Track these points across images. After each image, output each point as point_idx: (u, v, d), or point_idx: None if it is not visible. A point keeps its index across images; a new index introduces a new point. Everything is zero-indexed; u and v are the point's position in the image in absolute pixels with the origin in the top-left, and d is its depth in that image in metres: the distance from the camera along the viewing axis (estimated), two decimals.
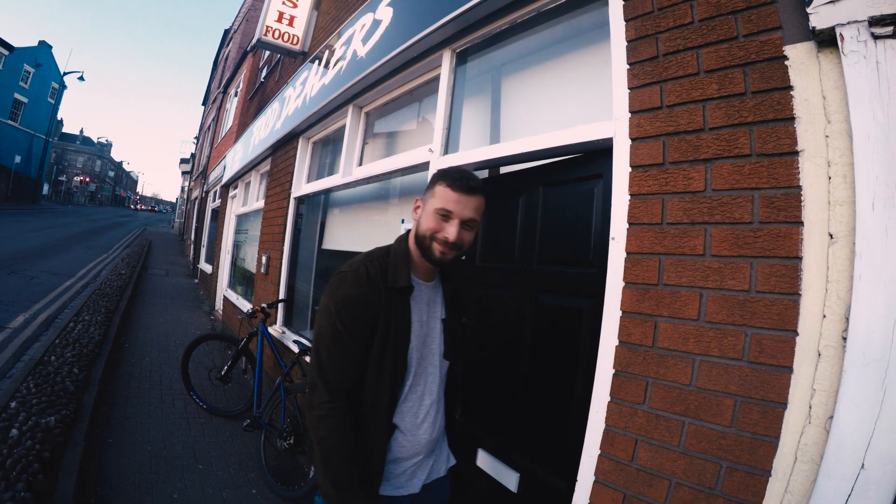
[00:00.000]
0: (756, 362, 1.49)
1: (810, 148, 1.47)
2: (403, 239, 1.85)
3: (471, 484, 2.79)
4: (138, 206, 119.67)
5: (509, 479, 2.48)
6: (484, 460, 2.69)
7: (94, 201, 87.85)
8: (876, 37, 1.37)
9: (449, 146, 3.27)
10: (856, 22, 1.39)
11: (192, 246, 21.27)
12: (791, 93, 1.54)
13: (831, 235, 1.40)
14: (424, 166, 3.41)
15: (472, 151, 2.96)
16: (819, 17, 1.45)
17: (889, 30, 1.36)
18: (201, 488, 3.99)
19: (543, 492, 2.32)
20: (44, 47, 48.41)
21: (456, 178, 1.68)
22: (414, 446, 1.79)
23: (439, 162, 3.18)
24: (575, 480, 2.00)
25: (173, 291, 13.70)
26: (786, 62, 1.56)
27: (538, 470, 2.37)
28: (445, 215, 1.65)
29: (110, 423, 4.90)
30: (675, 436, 1.66)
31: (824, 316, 1.39)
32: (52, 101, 50.74)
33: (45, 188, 57.04)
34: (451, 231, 1.64)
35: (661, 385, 1.72)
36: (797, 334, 1.42)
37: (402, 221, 3.74)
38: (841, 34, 1.42)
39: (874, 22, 1.36)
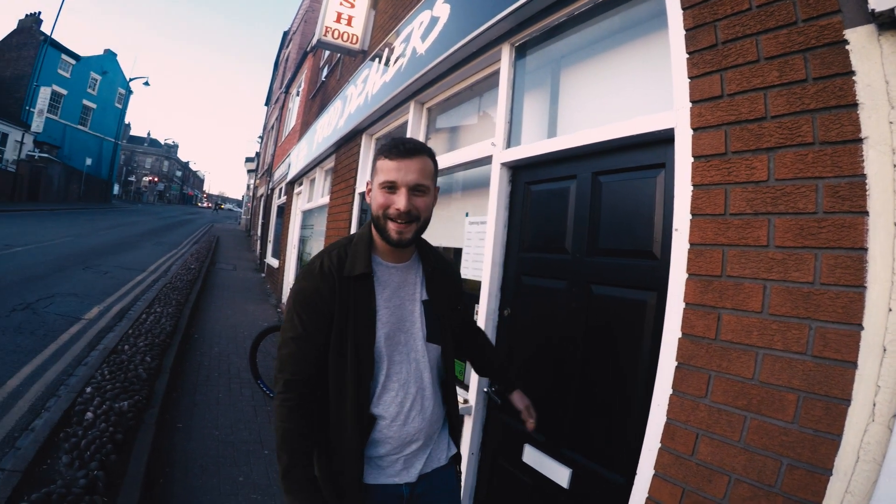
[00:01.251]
0: (820, 357, 1.46)
1: (874, 135, 1.42)
2: (368, 224, 1.78)
3: (516, 480, 2.81)
4: (219, 205, 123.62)
5: (561, 475, 2.49)
6: (531, 456, 2.70)
7: (163, 200, 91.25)
8: None
9: (511, 139, 3.27)
10: None
11: (258, 241, 21.89)
12: (853, 78, 1.49)
13: None
14: (487, 160, 3.41)
15: (534, 144, 2.95)
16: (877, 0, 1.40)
17: None
18: (266, 472, 4.14)
19: (598, 487, 2.32)
20: (109, 55, 50.64)
21: (391, 146, 1.63)
22: (403, 436, 1.71)
23: (502, 155, 3.19)
24: (633, 475, 1.99)
25: (241, 285, 14.17)
26: (846, 46, 1.51)
27: (592, 465, 2.37)
28: (391, 187, 1.60)
29: (180, 408, 5.15)
30: (736, 431, 1.64)
31: (890, 309, 1.34)
32: (120, 106, 52.95)
33: (116, 188, 59.52)
34: (399, 201, 1.58)
35: (724, 378, 1.69)
36: (862, 328, 1.38)
37: (467, 215, 3.74)
38: None
39: None
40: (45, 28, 39.49)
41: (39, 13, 40.31)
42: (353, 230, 6.29)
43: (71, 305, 8.19)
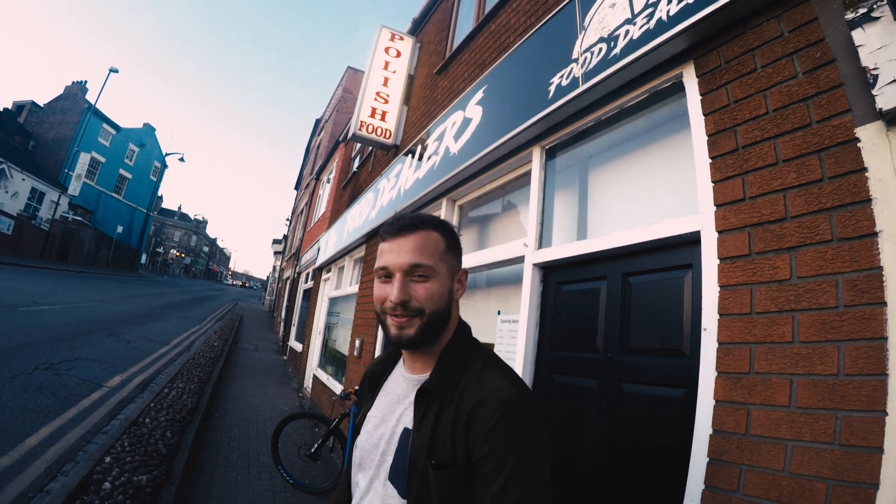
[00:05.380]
0: (847, 445, 1.49)
1: (888, 228, 1.52)
2: None
3: None
4: (247, 284, 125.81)
5: None
6: None
7: (189, 273, 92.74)
8: None
9: (543, 240, 3.38)
10: None
11: (282, 323, 21.84)
12: (865, 174, 1.60)
13: None
14: (519, 260, 3.50)
15: (566, 246, 3.05)
16: (884, 98, 1.53)
17: None
18: None
19: None
20: (148, 129, 53.47)
21: (386, 225, 1.34)
22: None
23: (534, 256, 3.28)
24: None
25: (263, 366, 14.09)
26: (858, 144, 1.64)
27: None
28: (386, 275, 1.28)
29: (197, 488, 5.07)
30: None
31: None
32: (154, 179, 55.23)
33: (143, 258, 61.07)
34: (392, 291, 1.24)
35: (755, 472, 1.71)
36: (886, 414, 1.42)
37: (499, 313, 3.78)
38: None
39: None
40: (90, 97, 42.05)
41: (85, 82, 42.98)
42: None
43: (93, 371, 8.20)
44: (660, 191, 2.76)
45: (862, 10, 1.65)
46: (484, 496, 1.08)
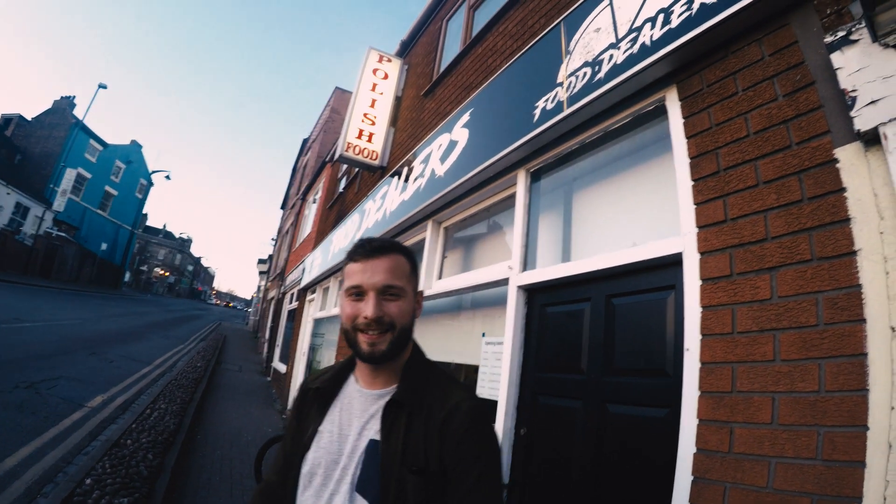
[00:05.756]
0: (829, 460, 1.51)
1: (867, 246, 1.55)
2: None
3: None
4: (231, 304, 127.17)
5: None
6: None
7: (172, 292, 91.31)
8: None
9: (527, 262, 3.39)
10: None
11: (266, 344, 21.59)
12: (844, 194, 1.64)
13: (893, 329, 1.45)
14: (504, 282, 3.51)
15: (550, 268, 3.08)
16: (862, 119, 1.57)
17: None
18: None
19: None
20: (135, 146, 52.79)
21: (356, 247, 1.41)
22: None
23: (518, 279, 3.30)
24: None
25: (246, 388, 13.89)
26: (837, 165, 1.68)
27: None
28: (358, 294, 1.35)
29: None
30: None
31: (892, 407, 1.41)
32: (140, 196, 54.37)
33: (127, 276, 59.89)
34: (367, 308, 1.31)
35: (739, 489, 1.72)
36: (867, 428, 1.44)
37: (483, 335, 3.77)
38: (884, 133, 1.52)
39: None
40: (77, 112, 41.56)
41: (74, 97, 42.36)
42: None
43: (75, 391, 8.05)
44: (643, 213, 2.79)
45: (841, 33, 1.70)
46: (457, 490, 1.23)
